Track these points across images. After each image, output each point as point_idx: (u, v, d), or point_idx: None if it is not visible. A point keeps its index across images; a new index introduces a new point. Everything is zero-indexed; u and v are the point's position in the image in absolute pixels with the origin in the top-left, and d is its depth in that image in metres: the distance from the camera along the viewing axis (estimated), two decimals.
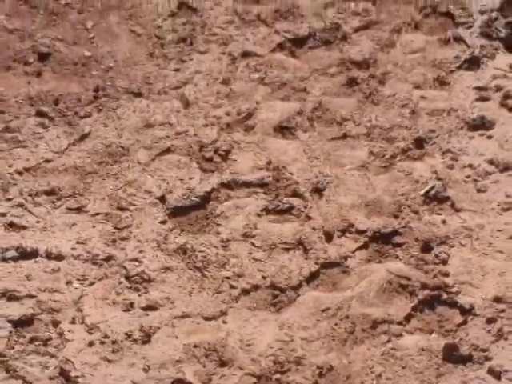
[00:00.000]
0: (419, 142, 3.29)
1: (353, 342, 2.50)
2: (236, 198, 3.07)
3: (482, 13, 4.00)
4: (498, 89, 3.55)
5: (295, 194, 3.07)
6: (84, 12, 4.11)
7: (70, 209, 3.00)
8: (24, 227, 2.91)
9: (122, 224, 2.94)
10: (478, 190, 3.05)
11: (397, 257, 2.79)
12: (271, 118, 3.46)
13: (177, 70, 3.79)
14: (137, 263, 2.77)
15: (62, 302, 2.61)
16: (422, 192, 3.04)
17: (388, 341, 2.49)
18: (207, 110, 3.52)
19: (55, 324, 2.54)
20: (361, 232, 2.89)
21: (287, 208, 3.00)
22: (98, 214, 2.99)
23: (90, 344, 2.48)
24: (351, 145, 3.34)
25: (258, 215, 2.99)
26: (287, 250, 2.85)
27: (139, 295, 2.66)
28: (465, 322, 2.54)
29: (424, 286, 2.64)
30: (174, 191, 3.08)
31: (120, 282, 2.70)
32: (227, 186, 3.12)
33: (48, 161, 3.23)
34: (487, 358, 2.43)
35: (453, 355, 2.42)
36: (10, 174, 3.15)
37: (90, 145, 3.32)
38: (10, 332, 2.50)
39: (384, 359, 2.44)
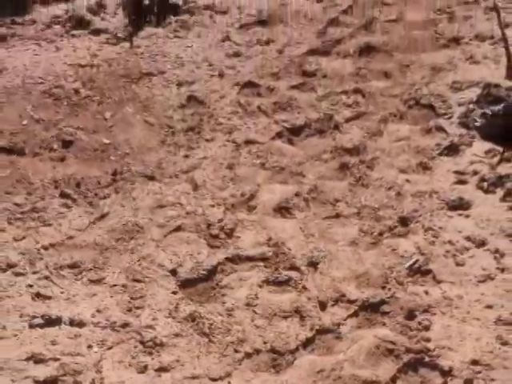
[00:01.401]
0: (404, 221, 3.41)
1: None
2: (240, 271, 3.20)
3: (460, 105, 4.19)
4: (475, 173, 3.69)
5: (293, 268, 3.19)
6: (103, 104, 4.33)
7: (90, 280, 3.15)
8: (49, 297, 3.05)
9: (137, 294, 3.08)
10: (457, 264, 3.16)
11: (384, 324, 2.90)
12: (271, 199, 3.62)
13: (186, 156, 3.97)
14: (150, 330, 2.90)
15: (83, 365, 2.75)
16: (407, 265, 3.15)
17: None
18: (214, 192, 3.68)
19: None
20: (352, 301, 3.01)
21: (286, 280, 3.13)
22: (115, 285, 3.13)
23: None
24: (343, 223, 3.47)
25: (260, 286, 3.11)
26: (285, 317, 2.97)
27: (152, 358, 2.79)
28: (445, 383, 2.65)
29: (408, 350, 2.76)
30: (184, 265, 3.22)
31: (135, 347, 2.84)
32: (232, 260, 3.24)
33: (71, 237, 3.38)
34: None
35: None
36: (37, 249, 3.30)
37: (108, 223, 3.47)
38: None
39: None
